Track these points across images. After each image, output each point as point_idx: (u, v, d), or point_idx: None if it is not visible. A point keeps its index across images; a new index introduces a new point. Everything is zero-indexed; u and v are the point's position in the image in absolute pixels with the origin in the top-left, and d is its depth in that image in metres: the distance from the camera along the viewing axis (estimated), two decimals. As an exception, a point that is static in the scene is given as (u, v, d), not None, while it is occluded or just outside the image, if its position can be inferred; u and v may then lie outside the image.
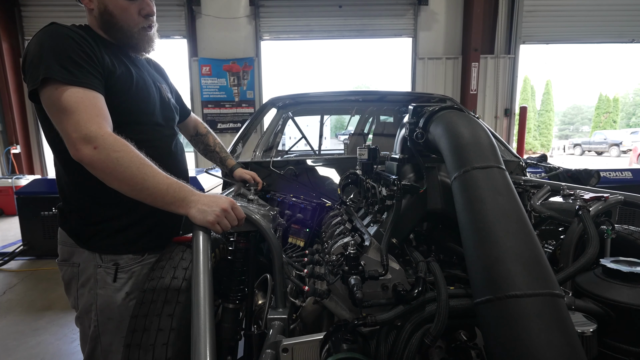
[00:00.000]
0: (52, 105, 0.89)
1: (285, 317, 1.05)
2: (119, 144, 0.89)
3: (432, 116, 0.96)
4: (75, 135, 0.87)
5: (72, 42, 0.94)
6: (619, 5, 7.13)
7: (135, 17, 1.06)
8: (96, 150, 0.86)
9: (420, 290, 0.82)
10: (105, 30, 1.06)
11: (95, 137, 0.87)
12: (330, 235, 1.24)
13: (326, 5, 6.95)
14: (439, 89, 7.13)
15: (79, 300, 1.08)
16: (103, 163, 0.87)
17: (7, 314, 2.72)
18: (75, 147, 0.87)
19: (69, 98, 0.88)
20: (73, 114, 0.87)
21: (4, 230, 5.34)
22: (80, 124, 0.87)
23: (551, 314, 0.57)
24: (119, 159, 0.88)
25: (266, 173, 1.88)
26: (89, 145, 0.86)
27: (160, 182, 0.91)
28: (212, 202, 0.92)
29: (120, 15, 1.04)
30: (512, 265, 0.60)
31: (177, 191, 0.92)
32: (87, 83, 0.92)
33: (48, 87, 0.89)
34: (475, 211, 0.69)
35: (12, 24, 6.76)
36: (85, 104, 0.89)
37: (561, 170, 2.10)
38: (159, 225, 1.14)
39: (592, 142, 21.35)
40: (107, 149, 0.87)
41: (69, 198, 1.07)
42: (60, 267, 1.10)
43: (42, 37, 0.94)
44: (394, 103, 2.86)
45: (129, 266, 1.07)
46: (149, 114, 1.11)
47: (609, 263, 0.81)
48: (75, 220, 1.06)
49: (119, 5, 1.03)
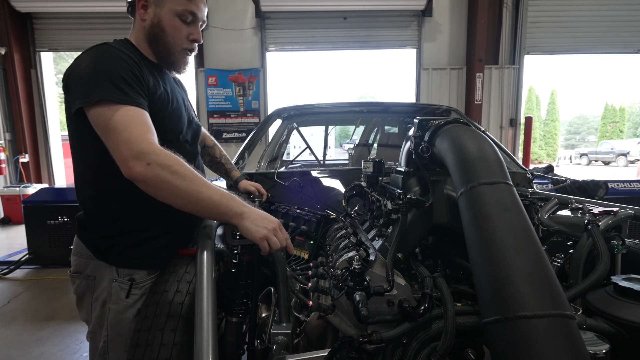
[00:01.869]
0: (103, 123, 0.91)
1: (289, 332, 1.04)
2: (170, 158, 0.89)
3: (438, 130, 0.96)
4: (127, 152, 0.87)
5: (124, 63, 0.97)
6: (623, 17, 7.12)
7: (182, 38, 1.11)
8: (149, 166, 0.87)
9: (426, 306, 0.81)
10: (150, 42, 1.10)
11: (147, 154, 0.87)
12: (335, 249, 1.23)
13: (331, 17, 7.03)
14: (444, 100, 7.14)
15: (92, 314, 1.07)
16: (157, 179, 0.87)
17: (12, 323, 2.72)
18: (128, 164, 0.87)
19: (121, 117, 0.90)
20: (124, 132, 0.89)
21: (10, 238, 5.38)
22: (132, 142, 0.88)
23: (562, 336, 0.55)
24: (174, 173, 0.88)
25: (271, 184, 1.88)
26: (141, 162, 0.87)
27: (214, 193, 0.91)
28: (264, 219, 0.93)
29: (171, 32, 1.08)
30: (522, 285, 0.59)
31: (229, 202, 0.92)
32: (137, 102, 0.95)
33: (100, 106, 0.91)
34: (483, 228, 0.68)
35: (24, 36, 6.91)
36: (135, 121, 0.91)
37: (568, 182, 2.07)
38: (177, 242, 1.14)
39: (598, 151, 21.17)
40: (160, 165, 0.87)
41: (90, 210, 1.07)
42: (73, 279, 1.10)
43: (95, 57, 0.96)
44: (398, 114, 2.87)
45: (144, 282, 1.06)
46: (180, 132, 1.14)
47: (620, 281, 0.79)
48: (95, 232, 1.06)
49: (173, 24, 1.08)
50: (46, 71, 7.26)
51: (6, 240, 5.28)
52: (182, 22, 1.08)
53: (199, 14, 1.11)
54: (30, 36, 6.98)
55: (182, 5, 1.07)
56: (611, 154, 19.97)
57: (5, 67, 6.81)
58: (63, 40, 7.08)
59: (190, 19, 1.09)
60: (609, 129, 27.43)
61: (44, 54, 7.19)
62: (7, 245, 4.96)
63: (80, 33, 6.93)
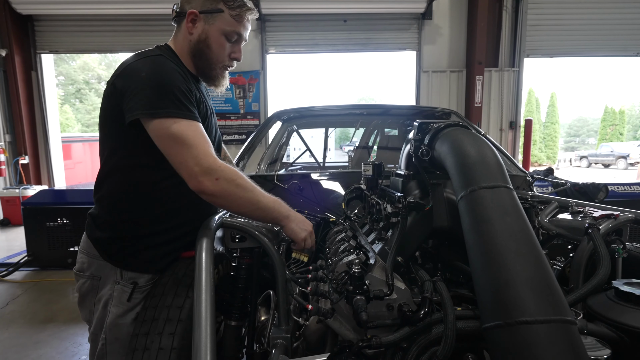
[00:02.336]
0: (169, 137, 0.94)
1: (288, 336, 1.03)
2: (234, 173, 0.98)
3: (438, 133, 0.95)
4: (197, 169, 0.94)
5: (181, 78, 1.01)
6: (623, 20, 7.14)
7: (225, 56, 1.14)
8: (217, 181, 0.95)
9: (426, 311, 0.80)
10: (193, 55, 1.12)
11: (215, 170, 0.95)
12: (335, 252, 1.23)
13: (331, 20, 7.05)
14: (444, 102, 7.14)
15: (94, 315, 1.07)
16: (225, 192, 0.96)
17: (10, 325, 2.71)
18: (198, 179, 0.94)
19: (186, 132, 0.95)
20: (192, 148, 0.94)
21: (9, 240, 5.37)
22: (200, 158, 0.94)
23: (563, 341, 0.55)
24: (238, 187, 0.97)
25: (270, 187, 1.88)
26: (210, 178, 0.94)
27: (268, 200, 1.03)
28: (304, 222, 1.10)
29: (216, 50, 1.11)
30: (522, 290, 0.58)
31: (279, 207, 1.06)
32: (196, 117, 1.00)
33: (165, 119, 0.94)
34: (483, 232, 0.67)
35: (25, 38, 6.92)
36: (198, 137, 0.97)
37: (568, 185, 2.07)
38: (183, 248, 1.14)
39: (598, 154, 21.18)
40: (227, 180, 0.96)
41: (104, 207, 1.08)
42: (77, 277, 1.10)
43: (155, 69, 0.98)
44: (398, 116, 2.87)
45: (146, 286, 1.06)
46: (213, 142, 1.17)
47: (621, 285, 0.79)
48: (105, 231, 1.06)
49: (219, 42, 1.11)
50: (47, 73, 7.27)
51: (5, 242, 5.27)
52: (227, 41, 1.12)
53: (244, 34, 1.14)
54: (31, 38, 6.99)
55: (232, 26, 1.10)
56: (611, 156, 19.98)
57: (6, 68, 6.81)
58: (64, 43, 7.09)
59: (236, 38, 1.13)
60: (609, 132, 27.45)
61: (44, 56, 7.20)
62: (6, 247, 4.95)
63: (81, 35, 6.95)
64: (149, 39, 6.59)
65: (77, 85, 25.63)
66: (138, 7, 6.42)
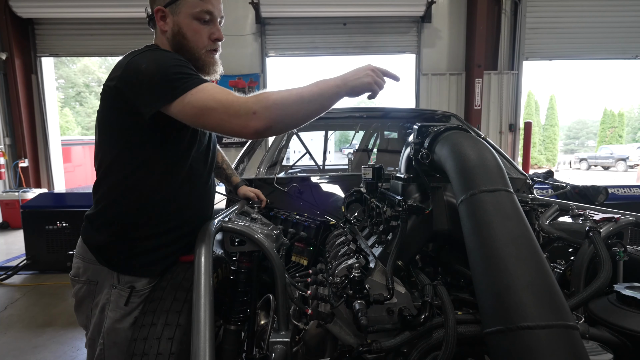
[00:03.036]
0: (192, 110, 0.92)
1: (287, 340, 1.02)
2: (262, 98, 0.91)
3: (438, 137, 0.95)
4: (233, 119, 0.90)
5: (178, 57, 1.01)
6: (621, 23, 7.17)
7: (204, 40, 1.10)
8: (256, 114, 0.89)
9: (427, 315, 0.80)
10: (176, 50, 1.10)
11: (245, 107, 0.89)
12: (335, 256, 1.22)
13: (331, 23, 7.07)
14: (443, 105, 7.15)
15: (91, 320, 1.06)
16: (271, 117, 0.90)
17: (8, 330, 2.70)
18: (240, 125, 0.90)
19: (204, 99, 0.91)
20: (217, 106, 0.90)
21: (8, 243, 5.36)
22: (229, 108, 0.90)
23: (565, 347, 0.54)
24: (275, 103, 0.90)
25: (270, 190, 1.88)
26: (249, 117, 0.89)
27: (311, 89, 0.93)
28: (359, 71, 0.96)
29: (192, 37, 1.08)
30: (524, 294, 0.58)
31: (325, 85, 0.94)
32: (202, 79, 0.97)
33: (179, 98, 0.92)
34: (484, 236, 0.67)
35: (25, 42, 6.94)
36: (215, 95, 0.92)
37: (568, 188, 2.07)
38: (182, 251, 1.13)
39: (598, 156, 21.19)
40: (262, 104, 0.90)
41: (102, 208, 1.05)
42: (73, 282, 1.08)
43: (152, 57, 0.98)
44: (398, 119, 2.87)
45: (143, 290, 1.05)
46: (203, 142, 1.15)
47: (623, 289, 0.78)
48: (101, 234, 1.04)
49: (192, 27, 1.07)
50: (47, 76, 7.28)
51: (4, 246, 5.26)
52: (200, 24, 1.08)
53: (215, 11, 1.09)
54: (32, 41, 7.01)
55: (197, 6, 1.06)
56: (610, 159, 19.99)
57: (6, 72, 6.83)
58: (64, 46, 7.11)
59: (208, 17, 1.08)
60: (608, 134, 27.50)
61: (44, 59, 7.22)
62: (5, 251, 4.93)
63: (81, 39, 6.97)
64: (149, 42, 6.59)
65: (77, 89, 25.67)
66: (138, 10, 6.41)
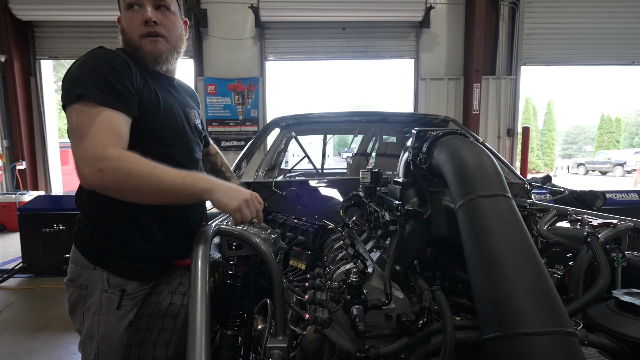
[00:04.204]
0: (72, 124, 0.90)
1: (284, 345, 1.01)
2: (123, 157, 0.88)
3: (436, 141, 0.95)
4: (81, 161, 0.87)
5: (110, 65, 0.96)
6: (618, 29, 7.24)
7: (136, 26, 1.07)
8: (102, 172, 0.85)
9: (425, 321, 0.79)
10: (126, 47, 1.09)
11: (99, 159, 0.86)
12: (333, 260, 1.22)
13: (330, 28, 7.11)
14: (442, 109, 7.18)
15: (83, 325, 1.05)
16: (114, 181, 0.86)
17: (3, 333, 2.67)
18: (82, 173, 0.87)
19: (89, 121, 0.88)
20: (84, 139, 0.87)
21: (4, 246, 5.32)
22: (87, 149, 0.86)
23: (564, 354, 0.54)
24: (128, 173, 0.86)
25: (268, 193, 1.87)
26: (93, 169, 0.85)
27: (175, 178, 0.90)
28: (236, 190, 0.96)
29: (127, 27, 1.07)
30: (522, 301, 0.57)
31: (195, 181, 0.92)
32: (116, 104, 0.93)
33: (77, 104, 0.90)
34: (482, 241, 0.67)
35: (24, 44, 6.94)
36: (102, 126, 0.89)
37: (566, 193, 2.07)
38: (173, 255, 1.12)
39: (595, 161, 21.27)
40: (114, 167, 0.86)
41: (89, 210, 1.05)
42: (67, 287, 1.08)
43: (86, 58, 0.96)
44: (396, 124, 2.88)
45: (135, 293, 1.04)
46: (177, 138, 1.12)
47: (622, 295, 0.78)
48: (91, 234, 1.04)
49: (125, 18, 1.07)
50: (46, 79, 7.28)
51: (0, 248, 5.22)
52: (132, 12, 1.06)
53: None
54: (31, 44, 7.02)
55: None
56: (608, 164, 20.06)
57: (5, 74, 6.82)
58: (63, 49, 7.12)
59: (136, 6, 1.06)
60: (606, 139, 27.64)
61: (43, 62, 7.22)
62: (1, 254, 4.90)
63: (81, 41, 6.97)
64: (148, 45, 6.60)
65: (76, 91, 25.64)
66: (138, 14, 6.45)
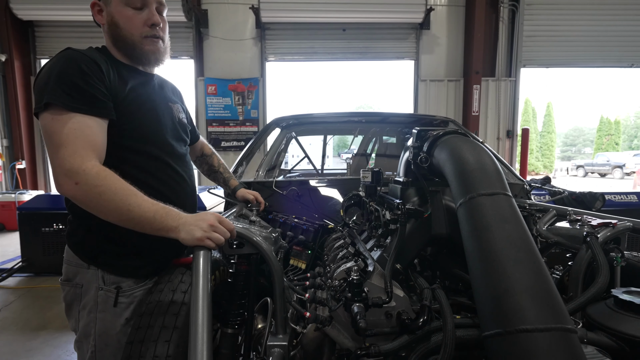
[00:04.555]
0: (46, 133, 0.91)
1: (285, 344, 1.02)
2: (101, 177, 0.88)
3: (437, 140, 0.96)
4: (59, 170, 0.88)
5: (79, 68, 0.94)
6: (617, 31, 7.27)
7: (138, 26, 1.06)
8: (78, 185, 0.87)
9: (425, 319, 0.80)
10: (114, 42, 1.08)
11: (77, 172, 0.87)
12: (333, 259, 1.22)
13: (330, 29, 7.13)
14: (441, 111, 7.20)
15: (79, 323, 1.05)
16: (86, 197, 0.88)
17: (2, 332, 2.66)
18: (58, 182, 0.89)
19: (63, 128, 0.89)
20: (61, 148, 0.88)
21: (3, 245, 5.31)
22: (65, 159, 0.88)
23: (564, 350, 0.54)
24: (101, 194, 0.87)
25: (269, 193, 1.87)
26: (70, 181, 0.87)
27: (146, 210, 0.89)
28: (198, 220, 0.90)
29: (125, 24, 1.05)
30: (522, 298, 0.58)
31: (163, 217, 0.90)
32: (87, 109, 0.92)
33: (47, 113, 0.90)
34: (482, 240, 0.67)
35: (25, 44, 6.95)
36: (76, 135, 0.89)
37: (566, 194, 2.08)
38: (166, 252, 1.12)
39: (595, 163, 21.32)
40: (89, 184, 0.87)
41: (78, 211, 1.03)
42: (63, 287, 1.08)
43: (53, 62, 0.95)
44: (396, 124, 2.88)
45: (131, 290, 1.04)
46: (159, 134, 1.11)
47: (621, 294, 0.78)
48: (83, 234, 1.04)
49: (124, 14, 1.05)
50: (46, 78, 7.29)
51: (-1, 248, 5.22)
52: (133, 10, 1.05)
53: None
54: (31, 44, 7.03)
55: None
56: (607, 166, 20.11)
57: (5, 73, 6.83)
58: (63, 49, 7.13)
59: (140, 3, 1.05)
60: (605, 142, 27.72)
61: (44, 62, 7.21)
62: (0, 253, 4.89)
63: (81, 41, 6.96)
64: (149, 45, 6.61)
65: (76, 91, 25.62)
66: (139, 14, 6.47)
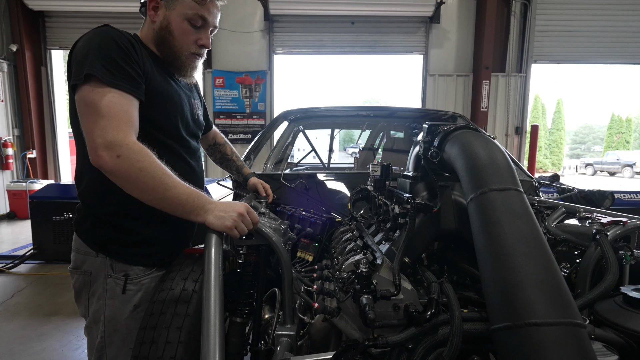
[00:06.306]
0: (85, 104, 0.90)
1: (293, 333, 1.04)
2: (143, 153, 0.90)
3: (448, 135, 0.96)
4: (99, 140, 0.87)
5: (118, 45, 0.95)
6: (632, 27, 7.10)
7: (190, 43, 1.09)
8: (119, 158, 0.87)
9: (433, 312, 0.81)
10: (157, 44, 1.09)
11: (119, 145, 0.87)
12: (341, 252, 1.23)
13: (339, 22, 7.07)
14: (450, 106, 7.13)
15: (89, 310, 1.08)
16: (126, 172, 0.88)
17: (15, 317, 2.74)
18: (97, 152, 0.87)
19: (103, 101, 0.89)
20: (102, 119, 0.88)
21: (15, 233, 5.43)
22: (107, 130, 0.88)
23: (573, 344, 0.55)
24: (142, 169, 0.88)
25: (277, 186, 1.89)
26: (111, 153, 0.87)
27: (181, 192, 0.92)
28: (229, 208, 0.94)
29: (179, 36, 1.07)
30: (532, 292, 0.58)
31: (195, 200, 0.93)
32: (125, 86, 0.93)
33: (87, 85, 0.90)
34: (493, 234, 0.68)
35: (35, 34, 7.00)
36: (117, 109, 0.90)
37: (575, 191, 2.06)
38: (174, 242, 1.14)
39: (604, 162, 21.02)
40: (131, 159, 0.88)
41: (88, 201, 1.06)
42: (72, 274, 1.10)
43: (91, 37, 0.96)
44: (404, 119, 2.87)
45: (139, 278, 1.06)
46: (177, 127, 1.13)
47: (630, 291, 0.79)
48: (92, 223, 1.05)
49: (181, 27, 1.06)
50: (56, 69, 7.36)
51: (11, 235, 5.32)
52: (191, 26, 1.07)
53: (209, 18, 1.08)
54: (42, 34, 7.08)
55: (193, 9, 1.05)
56: (617, 164, 19.81)
57: (16, 63, 6.89)
58: (74, 39, 6.78)
59: (200, 23, 1.07)
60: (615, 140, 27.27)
61: (54, 52, 7.29)
62: (12, 240, 5.00)
63: (91, 32, 7.01)
64: (157, 37, 6.63)
65: (85, 82, 25.78)
66: (148, 5, 6.47)
